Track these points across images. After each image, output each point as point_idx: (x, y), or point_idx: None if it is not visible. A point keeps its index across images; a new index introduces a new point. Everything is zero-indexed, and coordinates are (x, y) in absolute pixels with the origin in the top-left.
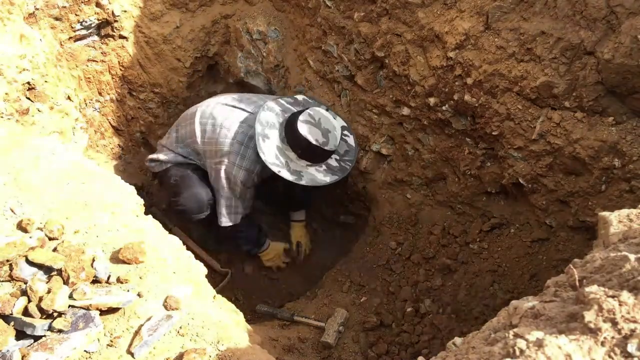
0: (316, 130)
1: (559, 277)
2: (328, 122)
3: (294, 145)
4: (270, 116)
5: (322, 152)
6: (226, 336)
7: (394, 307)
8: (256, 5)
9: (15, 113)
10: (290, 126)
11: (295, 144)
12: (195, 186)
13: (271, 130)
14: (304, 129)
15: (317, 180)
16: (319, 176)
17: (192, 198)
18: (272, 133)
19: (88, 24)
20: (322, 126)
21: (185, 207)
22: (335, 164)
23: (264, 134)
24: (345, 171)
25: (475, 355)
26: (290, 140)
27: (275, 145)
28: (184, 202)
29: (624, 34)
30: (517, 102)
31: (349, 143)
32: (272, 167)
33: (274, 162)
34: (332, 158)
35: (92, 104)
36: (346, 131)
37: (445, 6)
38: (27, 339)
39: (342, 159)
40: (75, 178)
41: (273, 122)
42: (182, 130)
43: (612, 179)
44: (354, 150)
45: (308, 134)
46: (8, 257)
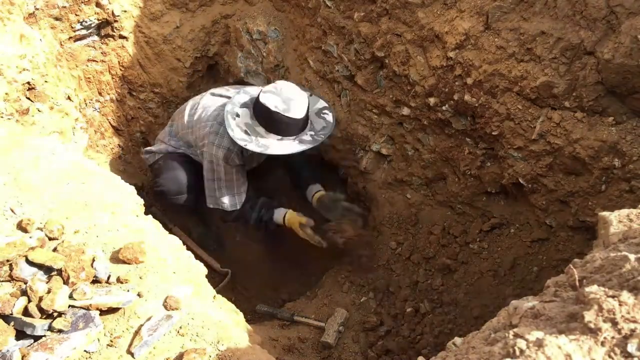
0: (277, 97)
1: (559, 277)
2: (291, 91)
3: (259, 117)
4: (244, 98)
5: (286, 121)
6: (226, 336)
7: (394, 307)
8: (256, 5)
9: (15, 113)
10: (257, 101)
11: (260, 115)
12: (176, 169)
13: (243, 109)
14: (264, 97)
15: (284, 149)
16: (288, 145)
17: (172, 179)
18: (242, 111)
19: (88, 24)
20: (283, 94)
21: (164, 188)
22: (308, 138)
23: (233, 112)
24: (317, 142)
25: (475, 355)
26: (257, 114)
27: (244, 122)
28: (163, 182)
29: (624, 34)
30: (517, 102)
31: (326, 120)
32: (239, 141)
33: (242, 137)
34: (307, 134)
35: (92, 104)
36: (326, 110)
37: (445, 6)
38: (27, 339)
39: (317, 134)
40: (75, 178)
41: (246, 103)
42: (176, 123)
43: (612, 179)
44: (330, 126)
45: (267, 100)
46: (8, 257)
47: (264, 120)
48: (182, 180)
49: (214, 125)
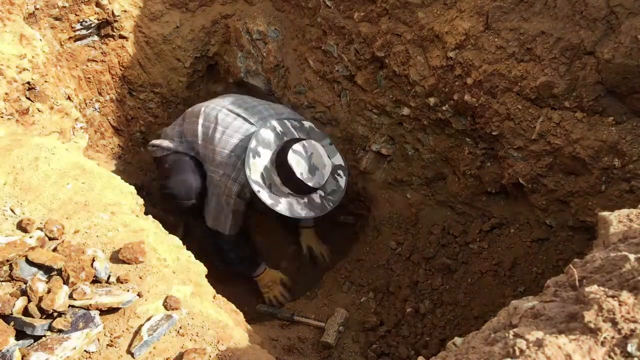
0: (304, 164)
1: (559, 277)
2: (320, 159)
3: (280, 170)
4: (269, 135)
5: (304, 187)
6: (226, 336)
7: (394, 307)
8: (256, 5)
9: (15, 113)
10: (282, 151)
11: (281, 171)
12: (186, 172)
13: (265, 149)
14: (292, 159)
15: (293, 211)
16: (297, 208)
17: (181, 183)
18: (264, 152)
19: (88, 24)
20: (311, 161)
21: (173, 192)
22: (318, 200)
23: (256, 150)
24: (325, 210)
25: (475, 355)
26: (278, 165)
27: (263, 165)
28: (172, 185)
29: (624, 34)
30: (517, 102)
31: (338, 183)
32: (253, 185)
33: (257, 180)
34: (317, 194)
35: (92, 104)
36: (340, 171)
37: (445, 6)
38: (27, 339)
39: (326, 197)
40: (75, 178)
41: (269, 142)
42: (186, 126)
43: (612, 179)
44: (341, 192)
45: (295, 165)
46: (8, 257)
47: (284, 177)
48: (192, 186)
49: (232, 157)
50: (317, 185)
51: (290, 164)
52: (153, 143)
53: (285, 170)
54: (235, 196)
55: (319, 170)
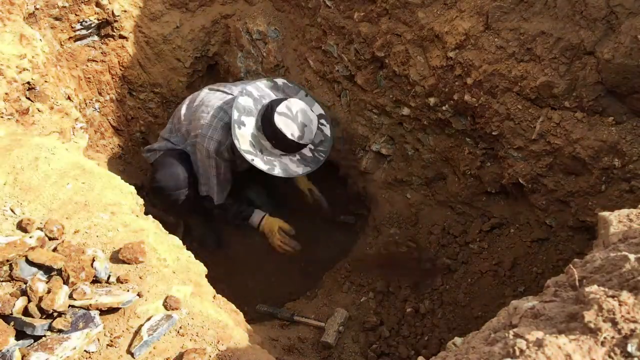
0: (292, 123)
1: (559, 277)
2: (305, 115)
3: (269, 136)
4: (248, 102)
5: (297, 145)
6: (226, 336)
7: (394, 307)
8: (256, 5)
9: (15, 113)
10: (266, 117)
11: (271, 136)
12: (173, 164)
13: (248, 117)
14: (280, 122)
15: (289, 171)
16: (292, 166)
17: (169, 175)
18: (248, 120)
19: (88, 24)
20: (298, 120)
21: (161, 184)
22: (309, 154)
23: (240, 121)
24: (319, 162)
25: (475, 355)
26: (265, 130)
27: (250, 133)
28: (161, 178)
29: (624, 34)
30: (517, 102)
31: (324, 133)
32: (245, 155)
33: (248, 149)
34: (307, 148)
35: (92, 104)
36: (323, 120)
37: (445, 6)
38: (27, 339)
39: (317, 149)
40: (75, 178)
41: (250, 108)
42: (175, 118)
43: (612, 179)
44: (328, 141)
45: (284, 126)
46: (8, 257)
47: (275, 140)
48: (180, 176)
49: (206, 118)
50: (308, 141)
51: (280, 127)
52: (147, 148)
53: (275, 134)
54: (214, 154)
55: (308, 126)
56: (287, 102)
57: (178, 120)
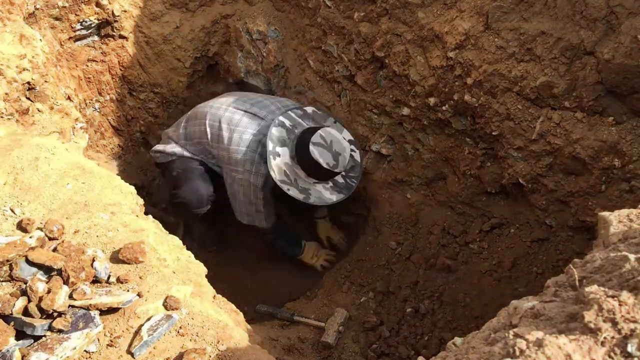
0: (327, 153)
1: (559, 277)
2: (339, 144)
3: (305, 165)
4: (281, 132)
5: (332, 174)
6: (226, 336)
7: (394, 307)
8: (256, 5)
9: (15, 113)
10: (301, 146)
11: (306, 165)
12: (197, 180)
13: (281, 147)
14: (315, 153)
15: (324, 199)
16: (326, 194)
17: (193, 192)
18: (282, 151)
19: (88, 24)
20: (333, 149)
21: (185, 200)
22: (341, 180)
23: (275, 152)
24: (351, 189)
25: (475, 355)
26: (300, 160)
27: (284, 163)
28: (184, 194)
29: (624, 34)
30: (517, 102)
31: (355, 159)
32: (281, 185)
33: (283, 179)
34: (339, 175)
35: (92, 104)
36: (353, 145)
37: (445, 6)
38: (27, 339)
39: (348, 175)
40: (75, 178)
41: (284, 139)
42: (191, 128)
43: (612, 179)
44: (359, 167)
45: (320, 157)
46: (8, 257)
47: (310, 170)
48: (203, 193)
49: (248, 153)
50: (342, 169)
51: (315, 157)
52: (156, 149)
53: (310, 164)
54: (261, 188)
55: (341, 154)
56: (321, 132)
57: (199, 135)
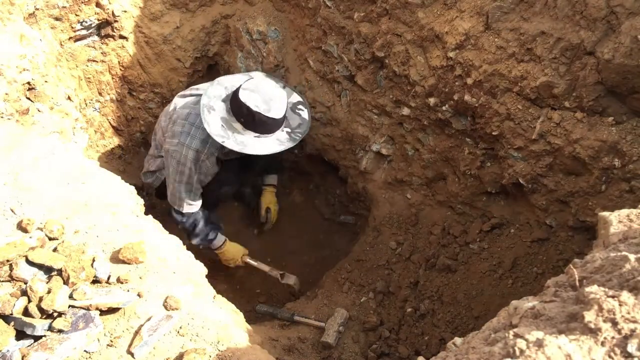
0: (256, 96)
1: (559, 277)
2: (271, 90)
3: (237, 113)
4: (219, 90)
5: (265, 120)
6: (226, 336)
7: (394, 307)
8: (256, 5)
9: (15, 113)
10: (234, 95)
11: (238, 112)
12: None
13: (217, 102)
14: (244, 96)
15: (263, 148)
16: (267, 145)
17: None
18: (218, 105)
19: (88, 24)
20: (262, 93)
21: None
22: (285, 136)
23: (209, 105)
24: (295, 141)
25: (475, 355)
26: (234, 109)
27: (220, 117)
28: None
29: (624, 34)
30: (517, 102)
31: (302, 117)
32: (216, 137)
33: (218, 133)
34: (283, 131)
35: (92, 104)
36: (301, 105)
37: (445, 6)
38: (27, 339)
39: (294, 132)
40: (75, 178)
41: (220, 95)
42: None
43: (612, 179)
44: (306, 124)
45: (248, 99)
46: (8, 257)
47: (243, 118)
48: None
49: (185, 125)
50: (276, 115)
51: (244, 101)
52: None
53: (241, 110)
54: (190, 164)
55: (274, 100)
56: (252, 80)
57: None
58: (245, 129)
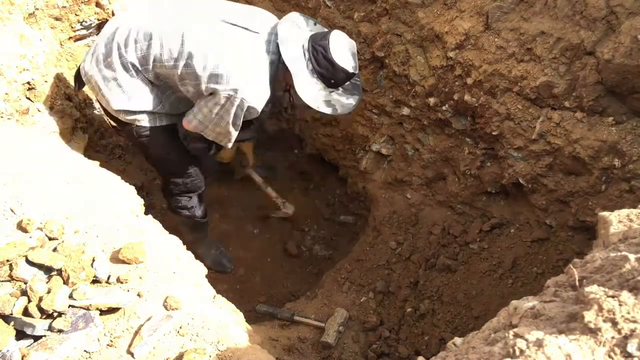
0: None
1: (559, 277)
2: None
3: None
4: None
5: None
6: (226, 336)
7: (394, 307)
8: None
9: (15, 113)
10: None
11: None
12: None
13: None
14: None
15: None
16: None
17: None
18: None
19: (88, 24)
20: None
21: None
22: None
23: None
24: (358, 88)
25: (475, 355)
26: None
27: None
28: None
29: (624, 34)
30: (517, 102)
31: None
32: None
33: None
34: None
35: (92, 104)
36: None
37: (445, 6)
38: (27, 339)
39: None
40: (75, 178)
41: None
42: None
43: (612, 179)
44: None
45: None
46: (8, 257)
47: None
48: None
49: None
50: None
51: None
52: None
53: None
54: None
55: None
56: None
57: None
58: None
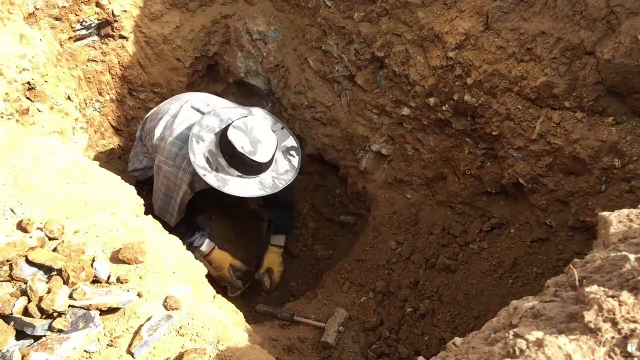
0: (245, 137)
1: (559, 277)
2: (262, 133)
3: (223, 149)
4: (213, 121)
5: (250, 162)
6: (226, 336)
7: (394, 307)
8: (256, 5)
9: (15, 113)
10: (224, 132)
11: (224, 149)
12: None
13: (208, 133)
14: (232, 134)
15: (242, 190)
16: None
17: None
18: (207, 136)
19: (88, 24)
20: (252, 135)
21: None
22: (269, 181)
23: (199, 135)
24: (277, 188)
25: (475, 355)
26: (221, 144)
27: (208, 150)
28: None
29: (624, 34)
30: (517, 102)
31: (291, 163)
32: (198, 169)
33: (202, 165)
34: (269, 175)
35: (92, 104)
36: (293, 151)
37: (445, 6)
38: (27, 339)
39: (279, 178)
40: (75, 178)
41: (213, 127)
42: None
43: (612, 179)
44: (294, 171)
45: (235, 139)
46: (8, 257)
47: (227, 155)
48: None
49: (184, 148)
50: (261, 159)
51: (231, 139)
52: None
53: (227, 148)
54: (185, 186)
55: (262, 144)
56: (245, 119)
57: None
58: (230, 166)
